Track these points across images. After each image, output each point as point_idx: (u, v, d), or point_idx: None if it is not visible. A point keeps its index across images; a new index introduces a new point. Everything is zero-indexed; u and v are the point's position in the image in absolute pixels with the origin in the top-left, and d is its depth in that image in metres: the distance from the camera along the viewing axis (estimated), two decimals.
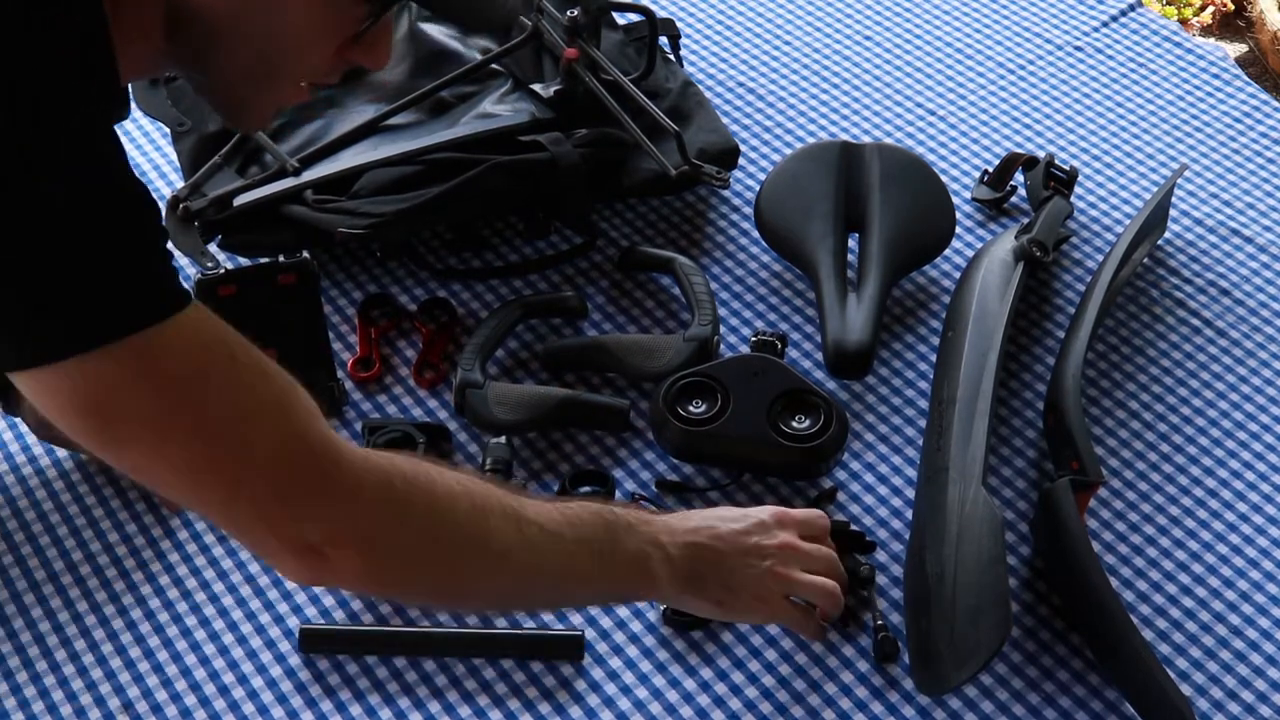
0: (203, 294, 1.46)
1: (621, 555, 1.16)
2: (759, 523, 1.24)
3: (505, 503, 1.10)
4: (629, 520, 1.18)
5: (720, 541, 1.21)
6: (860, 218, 1.62)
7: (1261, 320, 1.62)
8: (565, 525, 1.13)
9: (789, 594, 1.24)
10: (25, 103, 0.88)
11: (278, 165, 1.62)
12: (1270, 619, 1.35)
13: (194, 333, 0.96)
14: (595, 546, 1.15)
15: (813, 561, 1.25)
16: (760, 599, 1.23)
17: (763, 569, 1.22)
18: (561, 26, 1.71)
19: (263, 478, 0.98)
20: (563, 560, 1.13)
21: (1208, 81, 1.92)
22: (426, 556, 1.07)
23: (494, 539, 1.09)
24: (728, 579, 1.21)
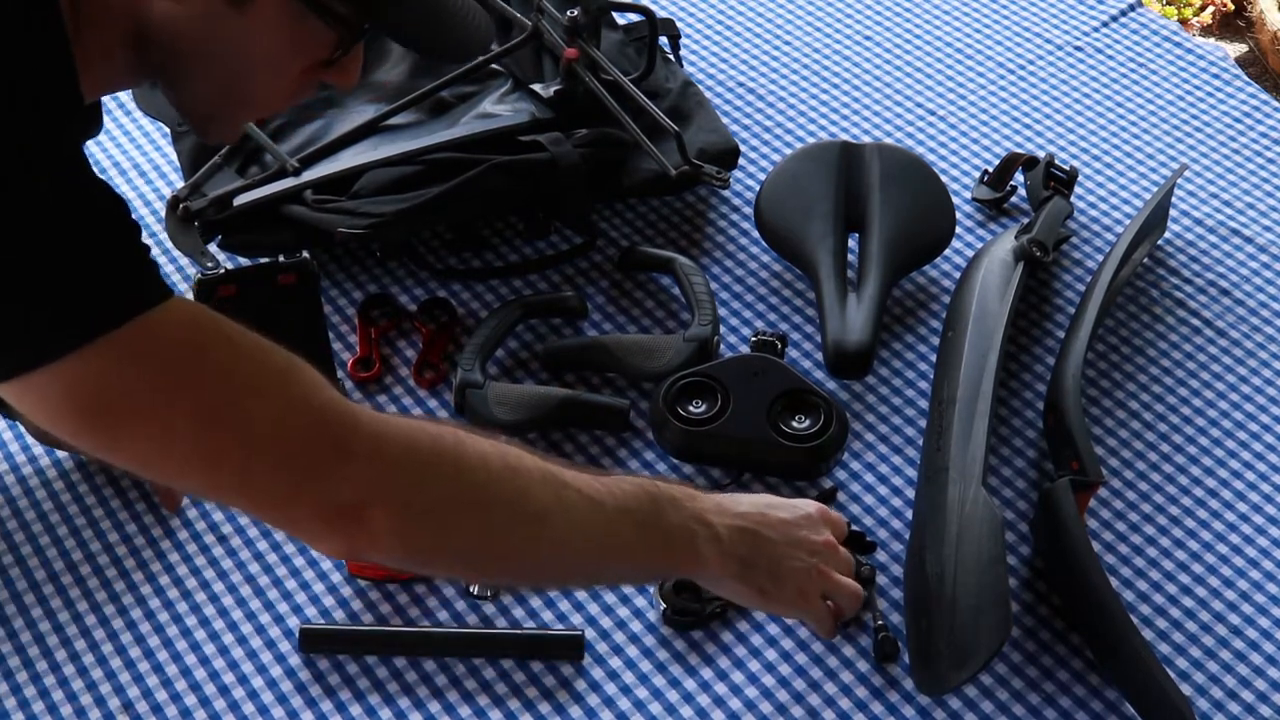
0: (203, 294, 1.46)
1: (667, 528, 1.12)
2: (807, 516, 1.22)
3: (543, 467, 1.06)
4: (674, 495, 1.14)
5: (771, 530, 1.18)
6: (860, 218, 1.62)
7: (1261, 320, 1.62)
8: (607, 494, 1.09)
9: (825, 593, 1.22)
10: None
11: (278, 165, 1.62)
12: (1270, 619, 1.35)
13: (188, 315, 0.95)
14: (639, 517, 1.10)
15: (843, 564, 1.24)
16: (803, 594, 1.20)
17: (809, 564, 1.19)
18: (561, 26, 1.71)
19: (272, 452, 0.95)
20: (604, 528, 1.09)
21: (1208, 81, 1.92)
22: (460, 516, 1.02)
23: (530, 500, 1.04)
24: (775, 568, 1.18)
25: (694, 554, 1.14)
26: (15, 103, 0.89)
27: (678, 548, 1.13)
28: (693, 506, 1.15)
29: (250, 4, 0.99)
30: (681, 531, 1.13)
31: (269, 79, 1.06)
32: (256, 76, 1.05)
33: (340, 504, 0.97)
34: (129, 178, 1.76)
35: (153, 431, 0.94)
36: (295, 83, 1.08)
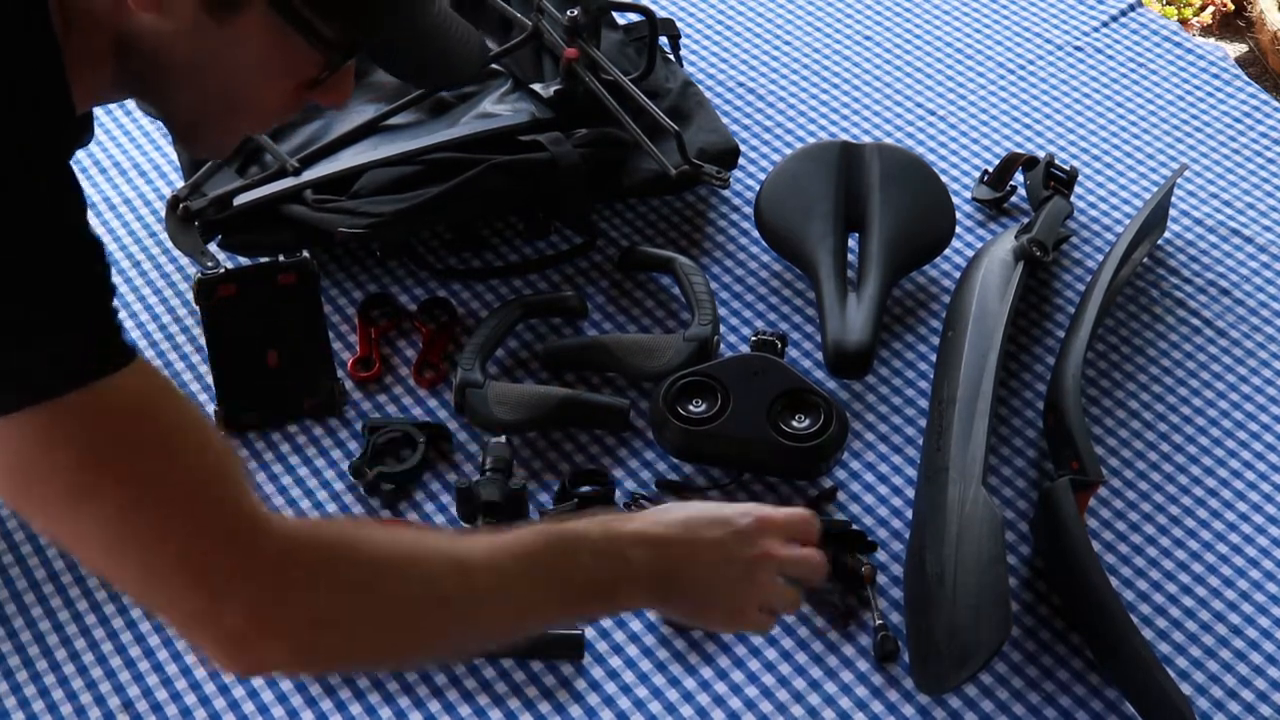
0: (203, 294, 1.46)
1: (582, 582, 1.09)
2: (735, 531, 1.15)
3: (447, 553, 1.04)
4: (592, 536, 1.10)
5: (695, 551, 1.14)
6: (860, 218, 1.62)
7: (1261, 320, 1.62)
8: (515, 563, 1.05)
9: (763, 605, 1.17)
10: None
11: (278, 165, 1.62)
12: (1270, 618, 1.35)
13: (130, 398, 0.91)
14: (552, 578, 1.08)
15: (793, 568, 1.18)
16: (735, 611, 1.17)
17: (738, 580, 1.15)
18: (561, 26, 1.71)
19: (181, 562, 0.93)
20: (515, 602, 1.07)
21: (1208, 81, 1.92)
22: (364, 627, 1.00)
23: (435, 589, 1.02)
24: (701, 589, 1.15)
25: (615, 593, 1.12)
26: None
27: (597, 592, 1.11)
28: (611, 544, 1.11)
29: (232, 20, 0.97)
30: (599, 575, 1.10)
31: (252, 96, 1.04)
32: (238, 93, 1.03)
33: (236, 628, 0.94)
34: (129, 178, 1.77)
35: (64, 514, 0.92)
36: (281, 101, 1.06)
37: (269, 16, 0.97)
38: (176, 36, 0.97)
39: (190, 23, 0.97)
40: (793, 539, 1.18)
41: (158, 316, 1.60)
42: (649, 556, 1.11)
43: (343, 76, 1.05)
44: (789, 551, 1.16)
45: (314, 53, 1.00)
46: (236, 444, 1.47)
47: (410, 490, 1.44)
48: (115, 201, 1.73)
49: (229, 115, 1.06)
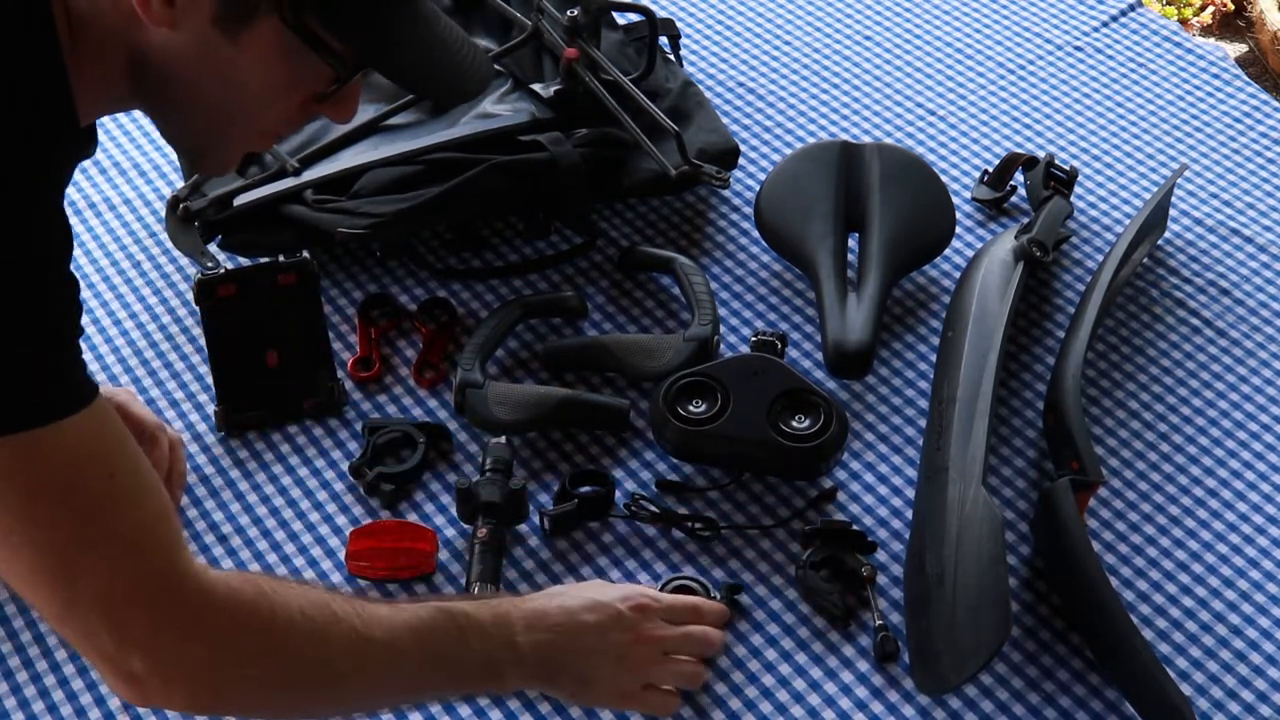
0: (203, 294, 1.46)
1: (471, 662, 1.14)
2: (616, 616, 1.22)
3: (347, 624, 1.07)
4: (483, 621, 1.15)
5: (577, 639, 1.20)
6: (860, 218, 1.62)
7: (1261, 320, 1.62)
8: (411, 640, 1.10)
9: (654, 685, 1.23)
10: None
11: (278, 165, 1.62)
12: (1270, 618, 1.35)
13: (77, 443, 0.94)
14: (444, 656, 1.13)
15: (676, 645, 1.24)
16: (622, 693, 1.23)
17: (617, 663, 1.21)
18: (561, 26, 1.71)
19: (97, 606, 0.97)
20: (405, 679, 1.12)
21: (1208, 81, 1.92)
22: (258, 693, 1.06)
23: (332, 668, 1.07)
24: (584, 675, 1.20)
25: (500, 678, 1.17)
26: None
27: (484, 674, 1.16)
28: (499, 632, 1.16)
29: (244, 34, 0.98)
30: (487, 662, 1.15)
31: (261, 110, 1.05)
32: (248, 107, 1.04)
33: (137, 671, 0.99)
34: (129, 177, 1.77)
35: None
36: (288, 115, 1.07)
37: (280, 32, 0.98)
38: (189, 52, 0.99)
39: (202, 38, 0.98)
40: (682, 621, 1.26)
41: (158, 316, 1.60)
42: (534, 641, 1.17)
43: (350, 91, 1.06)
44: (670, 631, 1.24)
45: (323, 68, 1.01)
46: (238, 443, 1.47)
47: (410, 490, 1.44)
48: (115, 201, 1.73)
49: (237, 130, 1.07)
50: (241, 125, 1.07)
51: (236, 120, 1.06)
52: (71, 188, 1.72)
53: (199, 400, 1.52)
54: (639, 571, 1.38)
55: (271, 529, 1.41)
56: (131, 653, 0.98)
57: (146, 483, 1.00)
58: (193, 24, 0.97)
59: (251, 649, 1.03)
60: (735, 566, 1.38)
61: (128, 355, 1.56)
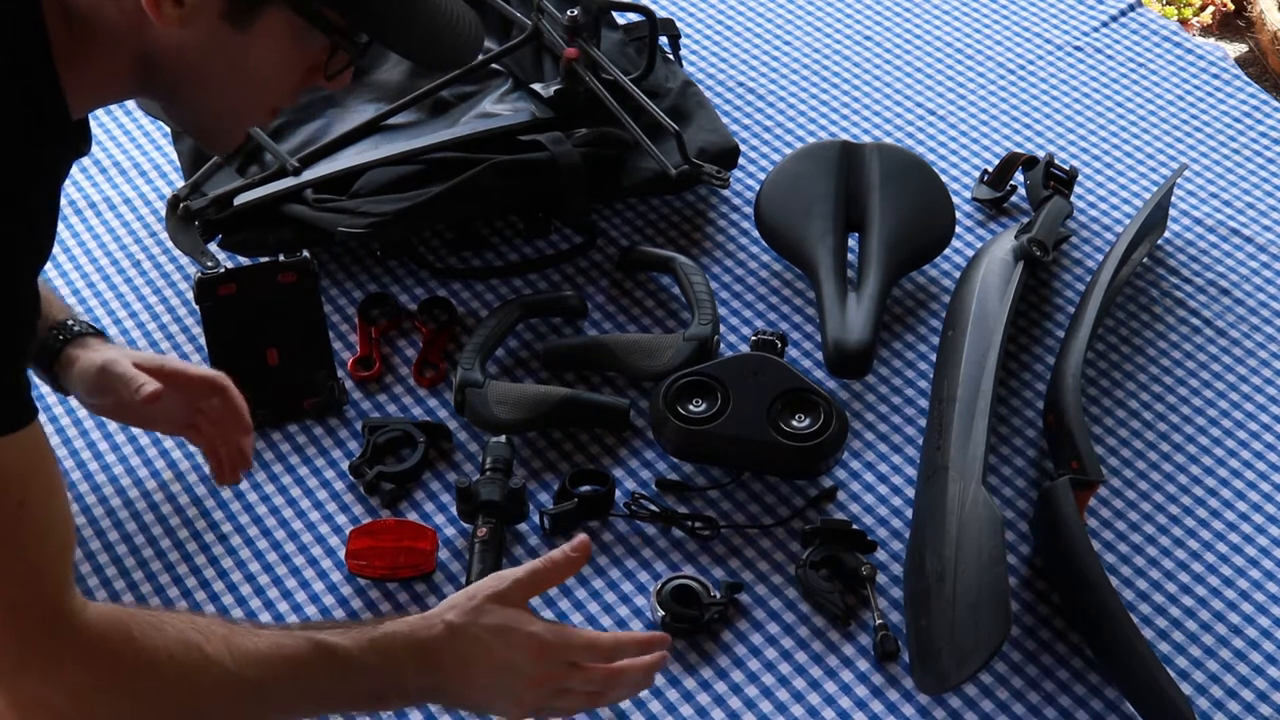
0: (203, 294, 1.46)
1: (357, 696, 1.12)
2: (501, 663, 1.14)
3: (218, 669, 1.05)
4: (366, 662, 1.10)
5: (468, 687, 1.14)
6: (860, 217, 1.62)
7: (1261, 320, 1.62)
8: (288, 677, 1.08)
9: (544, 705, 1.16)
10: None
11: (278, 165, 1.62)
12: (1269, 618, 1.35)
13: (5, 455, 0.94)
14: (323, 694, 1.10)
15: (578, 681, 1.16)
16: (516, 712, 1.16)
17: (510, 703, 1.15)
18: (561, 26, 1.71)
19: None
20: (280, 712, 1.10)
21: (1208, 81, 1.92)
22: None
23: (198, 712, 1.06)
24: (471, 707, 1.18)
25: (385, 705, 1.15)
26: None
27: (368, 706, 1.15)
28: (389, 674, 1.11)
29: (253, 24, 1.01)
30: (371, 694, 1.12)
31: (268, 91, 1.09)
32: (257, 90, 1.08)
33: (24, 696, 0.99)
34: (129, 177, 1.77)
35: None
36: (293, 90, 1.10)
37: (287, 17, 1.02)
38: (200, 47, 1.02)
39: (213, 32, 1.01)
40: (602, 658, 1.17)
41: (158, 316, 1.60)
42: (424, 686, 1.14)
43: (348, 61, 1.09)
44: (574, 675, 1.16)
45: (326, 42, 1.05)
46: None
47: (410, 490, 1.44)
48: (115, 201, 1.73)
49: (246, 112, 1.11)
50: (250, 106, 1.10)
51: (246, 103, 1.09)
52: (72, 188, 1.74)
53: None
54: (639, 570, 1.38)
55: (271, 528, 1.41)
56: (20, 675, 0.98)
57: (55, 515, 1.00)
58: (202, 21, 0.99)
59: (114, 695, 1.02)
60: (735, 565, 1.38)
61: None
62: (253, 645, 1.07)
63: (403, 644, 1.12)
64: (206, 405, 1.35)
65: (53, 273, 1.65)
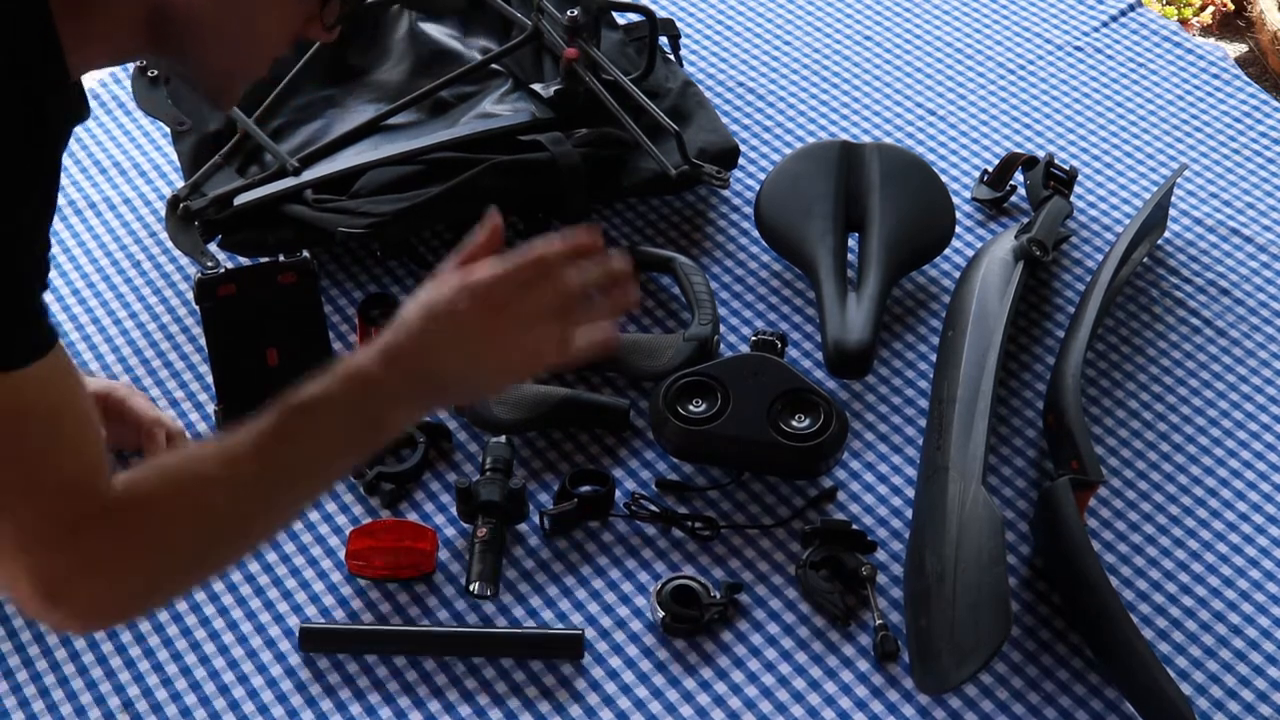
0: (203, 294, 1.46)
1: (355, 430, 1.10)
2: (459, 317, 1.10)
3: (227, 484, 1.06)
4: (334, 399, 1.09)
5: (434, 358, 1.10)
6: (860, 217, 1.62)
7: (1261, 320, 1.62)
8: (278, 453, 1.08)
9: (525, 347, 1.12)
10: None
11: (278, 165, 1.62)
12: (1270, 618, 1.35)
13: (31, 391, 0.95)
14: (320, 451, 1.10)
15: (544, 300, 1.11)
16: (506, 373, 1.14)
17: (483, 355, 1.11)
18: (561, 26, 1.71)
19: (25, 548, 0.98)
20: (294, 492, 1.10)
21: (1208, 81, 1.92)
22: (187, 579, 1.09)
23: (241, 521, 1.07)
24: (464, 380, 1.12)
25: (381, 427, 1.12)
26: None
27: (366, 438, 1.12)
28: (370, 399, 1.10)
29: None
30: (368, 423, 1.10)
31: (272, 43, 1.10)
32: (263, 42, 1.09)
33: (51, 583, 0.99)
34: (129, 177, 1.77)
35: None
36: (289, 40, 1.11)
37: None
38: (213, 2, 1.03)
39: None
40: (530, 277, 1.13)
41: (158, 316, 1.60)
42: (400, 374, 1.10)
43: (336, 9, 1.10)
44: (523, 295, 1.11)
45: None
46: None
47: (410, 490, 1.44)
48: (115, 201, 1.73)
49: (252, 63, 1.12)
50: (257, 58, 1.11)
51: (254, 55, 1.10)
52: (72, 188, 1.74)
53: (199, 400, 1.52)
54: (639, 570, 1.38)
55: None
56: (60, 594, 0.99)
57: (86, 433, 1.01)
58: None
59: (172, 554, 1.04)
60: (735, 566, 1.38)
61: (128, 355, 1.56)
62: (238, 445, 1.07)
63: (361, 358, 1.11)
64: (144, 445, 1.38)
65: (53, 273, 1.64)
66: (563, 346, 1.12)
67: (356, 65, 1.80)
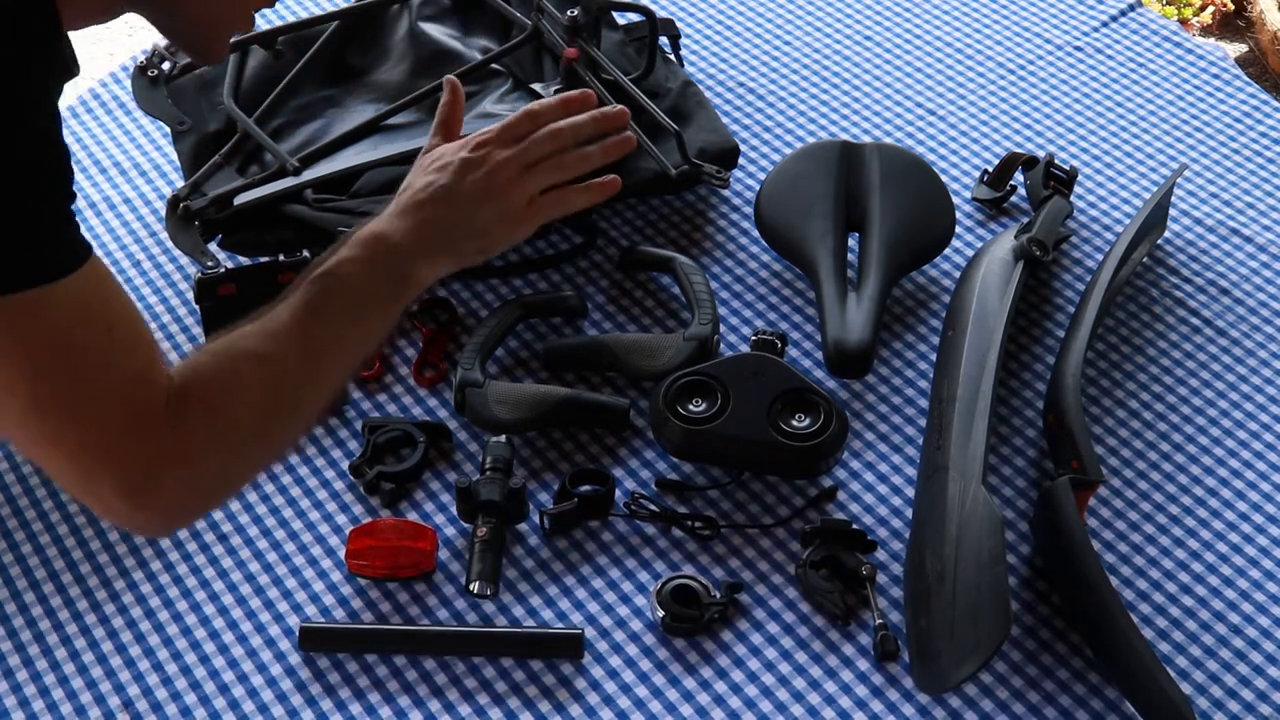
0: (203, 294, 1.46)
1: (377, 290, 1.16)
2: (460, 165, 1.22)
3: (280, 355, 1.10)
4: (359, 257, 1.16)
5: (443, 208, 1.20)
6: (860, 217, 1.62)
7: (1261, 320, 1.62)
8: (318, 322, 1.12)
9: (533, 199, 1.23)
10: None
11: (278, 164, 1.62)
12: (1270, 617, 1.35)
13: (79, 300, 0.98)
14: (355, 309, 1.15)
15: (539, 148, 1.23)
16: (512, 220, 1.23)
17: (489, 198, 1.21)
18: (561, 26, 1.71)
19: (101, 449, 1.01)
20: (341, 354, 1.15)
21: (1208, 81, 1.92)
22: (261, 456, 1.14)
23: (304, 400, 1.12)
24: (473, 229, 1.21)
25: (407, 282, 1.18)
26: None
27: (393, 295, 1.18)
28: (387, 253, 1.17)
29: None
30: (390, 280, 1.17)
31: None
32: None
33: (133, 479, 1.02)
34: (129, 177, 1.77)
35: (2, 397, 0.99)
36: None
37: None
38: None
39: None
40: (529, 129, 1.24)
41: (158, 316, 1.60)
42: (410, 226, 1.18)
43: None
44: (523, 143, 1.23)
45: None
46: None
47: (410, 490, 1.44)
48: (115, 201, 1.74)
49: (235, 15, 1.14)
50: (240, 9, 1.13)
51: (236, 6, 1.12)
52: None
53: None
54: (639, 570, 1.38)
55: (271, 528, 1.41)
56: (143, 489, 1.02)
57: (138, 331, 1.05)
58: None
59: (237, 431, 1.07)
60: (735, 565, 1.38)
61: None
62: (274, 323, 1.11)
63: (375, 221, 1.19)
64: None
65: None
66: (563, 194, 1.22)
67: (356, 65, 1.80)
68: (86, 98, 1.89)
